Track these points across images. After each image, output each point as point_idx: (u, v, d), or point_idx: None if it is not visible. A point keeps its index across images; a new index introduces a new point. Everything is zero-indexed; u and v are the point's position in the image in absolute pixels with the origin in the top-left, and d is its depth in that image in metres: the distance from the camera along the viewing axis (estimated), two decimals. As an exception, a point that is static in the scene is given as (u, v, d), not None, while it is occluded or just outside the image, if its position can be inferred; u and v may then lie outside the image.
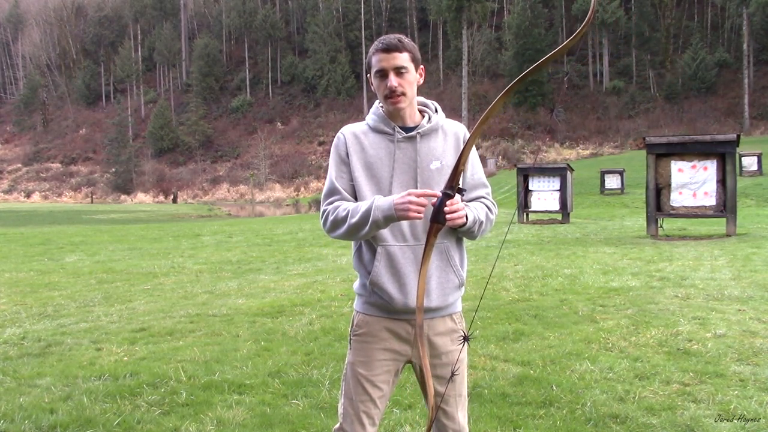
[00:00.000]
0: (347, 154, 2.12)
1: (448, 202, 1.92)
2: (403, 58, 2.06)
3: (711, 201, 12.87)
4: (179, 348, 5.08)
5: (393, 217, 1.95)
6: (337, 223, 2.05)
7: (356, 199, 2.11)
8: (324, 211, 2.10)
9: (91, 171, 76.97)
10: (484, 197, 2.19)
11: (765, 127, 54.14)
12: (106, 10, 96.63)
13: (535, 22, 63.84)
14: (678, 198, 13.00)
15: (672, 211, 13.12)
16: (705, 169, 12.88)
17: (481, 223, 2.09)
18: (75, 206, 55.62)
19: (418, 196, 1.92)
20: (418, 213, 1.92)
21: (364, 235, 2.04)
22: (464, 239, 2.20)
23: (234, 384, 4.12)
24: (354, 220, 2.00)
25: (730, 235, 12.58)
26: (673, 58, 64.34)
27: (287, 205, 52.70)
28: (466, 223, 2.02)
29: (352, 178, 2.11)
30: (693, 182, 12.92)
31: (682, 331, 5.14)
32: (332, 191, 2.12)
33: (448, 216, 1.93)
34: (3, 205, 55.84)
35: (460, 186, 1.99)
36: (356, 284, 2.21)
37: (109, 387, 4.10)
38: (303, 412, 3.62)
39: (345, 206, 2.05)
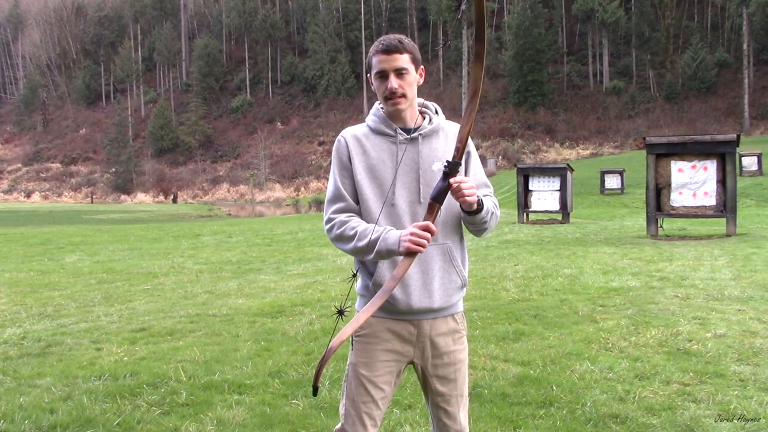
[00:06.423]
0: (349, 158, 2.12)
1: (452, 180, 1.87)
2: (403, 60, 2.05)
3: (711, 201, 12.85)
4: (179, 348, 5.09)
5: (396, 252, 1.95)
6: (343, 239, 2.05)
7: (359, 202, 2.11)
8: (331, 220, 2.09)
9: (91, 171, 76.97)
10: (488, 195, 2.17)
11: (765, 127, 54.14)
12: (106, 10, 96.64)
13: (535, 22, 63.81)
14: (678, 198, 12.99)
15: (672, 211, 13.11)
16: (705, 169, 12.87)
17: (492, 213, 2.08)
18: (75, 206, 55.58)
19: (420, 228, 1.90)
20: (417, 246, 1.89)
21: (367, 260, 2.05)
22: (465, 239, 2.20)
23: (234, 384, 4.12)
24: (360, 244, 2.00)
25: (730, 235, 12.57)
26: (673, 58, 64.32)
27: (287, 205, 52.65)
28: (477, 208, 1.99)
29: (354, 182, 2.11)
30: (693, 182, 12.91)
31: (682, 331, 5.14)
32: (338, 197, 2.11)
33: (455, 187, 1.88)
34: (3, 205, 55.80)
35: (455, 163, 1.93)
36: (358, 285, 2.20)
37: (109, 387, 4.10)
38: (303, 412, 3.62)
39: (353, 225, 2.04)
